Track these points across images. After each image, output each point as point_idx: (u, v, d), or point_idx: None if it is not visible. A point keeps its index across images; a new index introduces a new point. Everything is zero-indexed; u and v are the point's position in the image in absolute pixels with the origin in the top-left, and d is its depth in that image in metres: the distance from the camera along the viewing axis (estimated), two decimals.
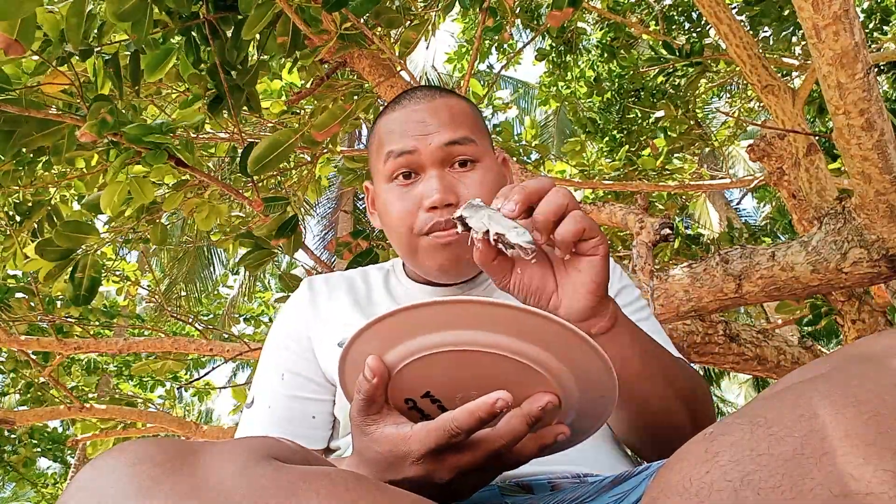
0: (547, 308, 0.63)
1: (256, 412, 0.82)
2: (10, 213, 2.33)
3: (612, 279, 0.89)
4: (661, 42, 3.87)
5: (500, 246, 0.59)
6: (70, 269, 1.83)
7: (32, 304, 3.18)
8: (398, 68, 2.39)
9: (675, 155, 4.23)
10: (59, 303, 3.54)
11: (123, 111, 1.71)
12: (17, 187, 2.35)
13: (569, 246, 0.58)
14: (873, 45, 3.83)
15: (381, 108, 0.92)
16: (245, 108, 1.88)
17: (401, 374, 0.52)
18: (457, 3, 2.30)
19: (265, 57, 1.97)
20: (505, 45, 4.67)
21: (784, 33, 3.65)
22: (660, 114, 4.19)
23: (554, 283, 0.62)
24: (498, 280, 0.64)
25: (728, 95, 5.91)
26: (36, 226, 2.38)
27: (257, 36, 1.73)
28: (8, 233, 2.32)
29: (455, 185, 0.80)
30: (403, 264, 0.96)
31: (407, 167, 0.80)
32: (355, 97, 2.65)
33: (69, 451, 5.52)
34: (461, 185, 0.80)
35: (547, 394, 0.50)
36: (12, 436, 4.80)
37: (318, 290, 0.91)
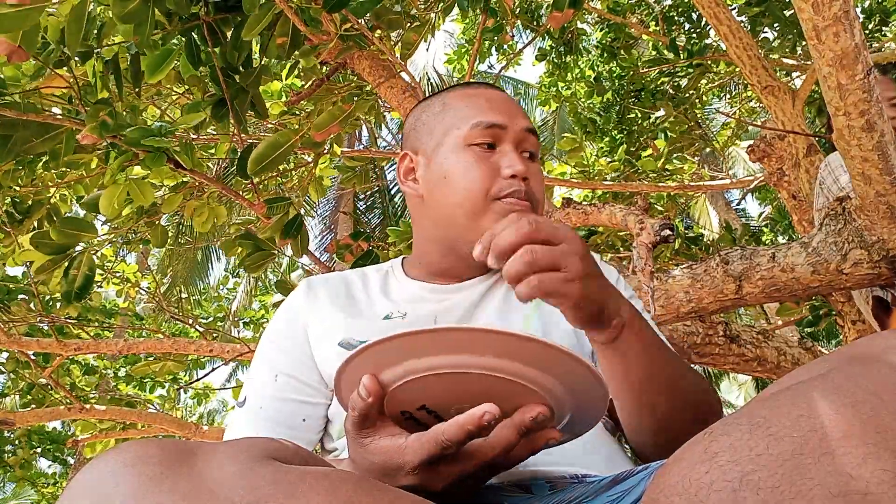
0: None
1: (247, 412, 0.82)
2: (10, 211, 2.33)
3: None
4: (663, 42, 3.87)
5: None
6: (65, 265, 1.82)
7: (32, 305, 3.18)
8: (398, 69, 2.39)
9: (675, 155, 4.23)
10: (58, 304, 3.54)
11: (123, 113, 1.71)
12: (17, 187, 2.35)
13: (498, 261, 0.58)
14: (874, 45, 3.83)
15: (447, 87, 0.96)
16: (250, 111, 1.87)
17: (396, 390, 0.54)
18: (456, 4, 2.30)
19: (267, 61, 1.98)
20: (505, 46, 4.67)
21: (784, 34, 3.65)
22: (660, 113, 4.19)
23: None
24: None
25: (728, 96, 5.92)
26: (35, 224, 2.38)
27: (259, 38, 1.74)
28: (7, 231, 2.32)
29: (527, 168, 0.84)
30: (402, 264, 0.96)
31: (491, 139, 0.84)
32: (355, 98, 2.66)
33: (69, 452, 5.52)
34: (528, 173, 0.84)
35: (538, 405, 0.52)
36: (12, 436, 4.79)
37: (316, 290, 0.91)
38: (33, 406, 3.83)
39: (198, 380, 3.77)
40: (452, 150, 0.85)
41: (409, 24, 2.23)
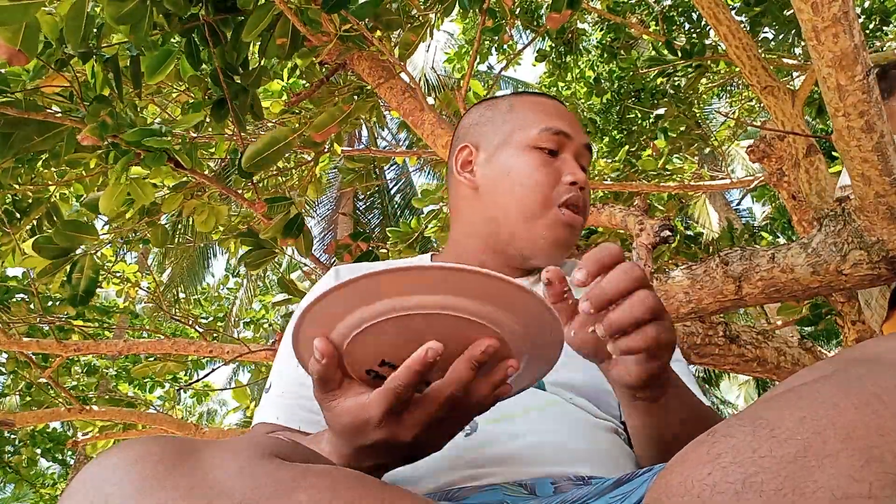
0: (600, 367, 0.63)
1: (271, 398, 0.84)
2: (10, 209, 2.33)
3: None
4: (662, 42, 3.86)
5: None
6: (67, 268, 1.82)
7: (31, 305, 3.18)
8: (398, 70, 2.39)
9: (675, 156, 4.23)
10: (57, 303, 3.53)
11: (124, 112, 1.71)
12: (17, 185, 2.35)
13: (611, 333, 0.57)
14: (877, 43, 3.83)
15: (514, 91, 1.01)
16: (248, 113, 1.87)
17: (352, 347, 0.54)
18: (456, 4, 2.30)
19: (267, 62, 1.98)
20: (505, 47, 4.67)
21: (784, 35, 3.65)
22: (660, 112, 4.19)
23: (607, 352, 0.61)
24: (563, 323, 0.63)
25: (728, 96, 5.92)
26: (35, 223, 2.38)
27: (259, 38, 1.73)
28: (6, 230, 2.32)
29: None
30: (431, 260, 0.97)
31: (556, 146, 0.88)
32: (355, 98, 2.65)
33: (69, 452, 5.52)
34: (585, 184, 0.89)
35: (488, 338, 0.52)
36: (12, 437, 4.79)
37: (344, 279, 0.92)
38: (33, 407, 3.83)
39: (197, 380, 3.77)
40: (518, 149, 0.88)
41: (408, 25, 2.23)
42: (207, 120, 1.85)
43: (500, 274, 0.51)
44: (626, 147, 4.22)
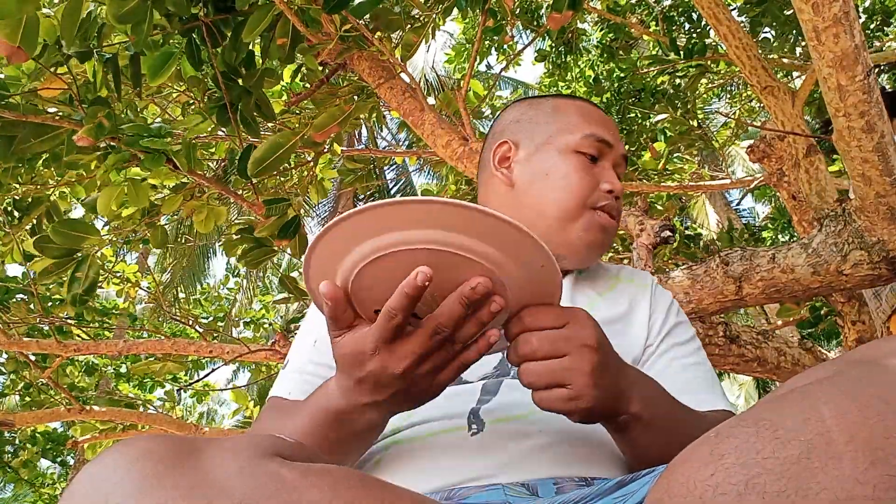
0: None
1: (287, 375, 0.86)
2: (9, 209, 2.33)
3: (667, 314, 0.90)
4: (665, 42, 3.87)
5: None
6: (70, 268, 1.83)
7: (31, 305, 3.18)
8: (398, 70, 2.39)
9: (675, 155, 4.23)
10: (57, 304, 3.53)
11: (123, 113, 1.71)
12: (17, 184, 2.35)
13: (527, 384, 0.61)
14: (877, 43, 3.83)
15: (553, 93, 1.02)
16: (255, 114, 1.87)
17: (359, 288, 0.57)
18: (455, 6, 2.30)
19: (269, 63, 1.97)
20: (505, 47, 4.66)
21: (784, 35, 3.65)
22: (661, 117, 4.19)
23: None
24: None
25: (728, 96, 5.92)
26: (35, 222, 2.38)
27: (259, 39, 1.73)
28: (6, 229, 2.32)
29: None
30: None
31: (597, 153, 0.90)
32: (355, 98, 2.65)
33: (69, 453, 5.51)
34: (621, 193, 0.92)
35: (478, 276, 0.54)
36: (12, 437, 4.79)
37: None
38: (33, 408, 3.83)
39: (197, 381, 3.77)
40: (560, 152, 0.90)
41: (408, 25, 2.23)
42: (213, 125, 1.84)
43: (506, 216, 0.51)
44: (626, 147, 4.21)
